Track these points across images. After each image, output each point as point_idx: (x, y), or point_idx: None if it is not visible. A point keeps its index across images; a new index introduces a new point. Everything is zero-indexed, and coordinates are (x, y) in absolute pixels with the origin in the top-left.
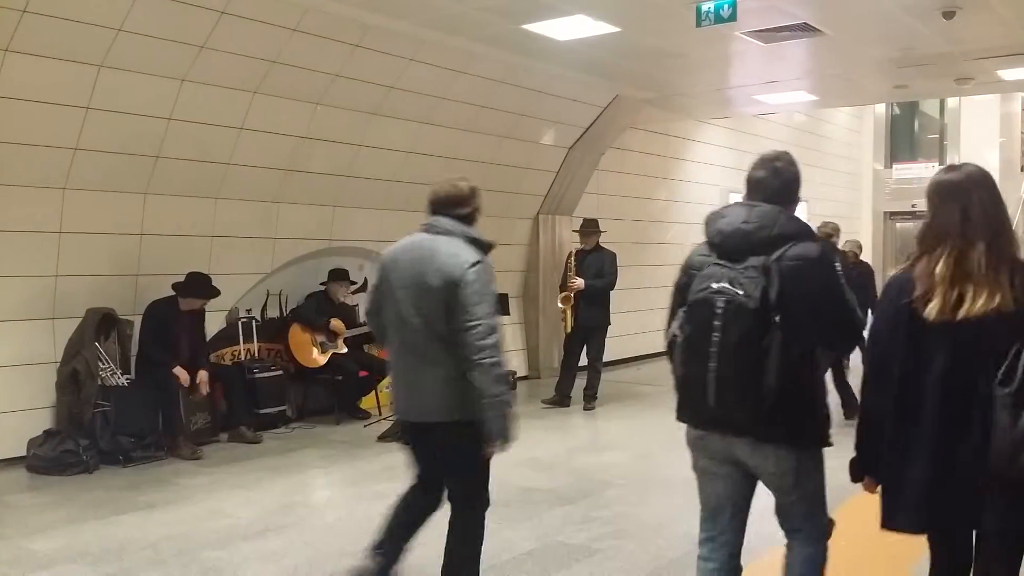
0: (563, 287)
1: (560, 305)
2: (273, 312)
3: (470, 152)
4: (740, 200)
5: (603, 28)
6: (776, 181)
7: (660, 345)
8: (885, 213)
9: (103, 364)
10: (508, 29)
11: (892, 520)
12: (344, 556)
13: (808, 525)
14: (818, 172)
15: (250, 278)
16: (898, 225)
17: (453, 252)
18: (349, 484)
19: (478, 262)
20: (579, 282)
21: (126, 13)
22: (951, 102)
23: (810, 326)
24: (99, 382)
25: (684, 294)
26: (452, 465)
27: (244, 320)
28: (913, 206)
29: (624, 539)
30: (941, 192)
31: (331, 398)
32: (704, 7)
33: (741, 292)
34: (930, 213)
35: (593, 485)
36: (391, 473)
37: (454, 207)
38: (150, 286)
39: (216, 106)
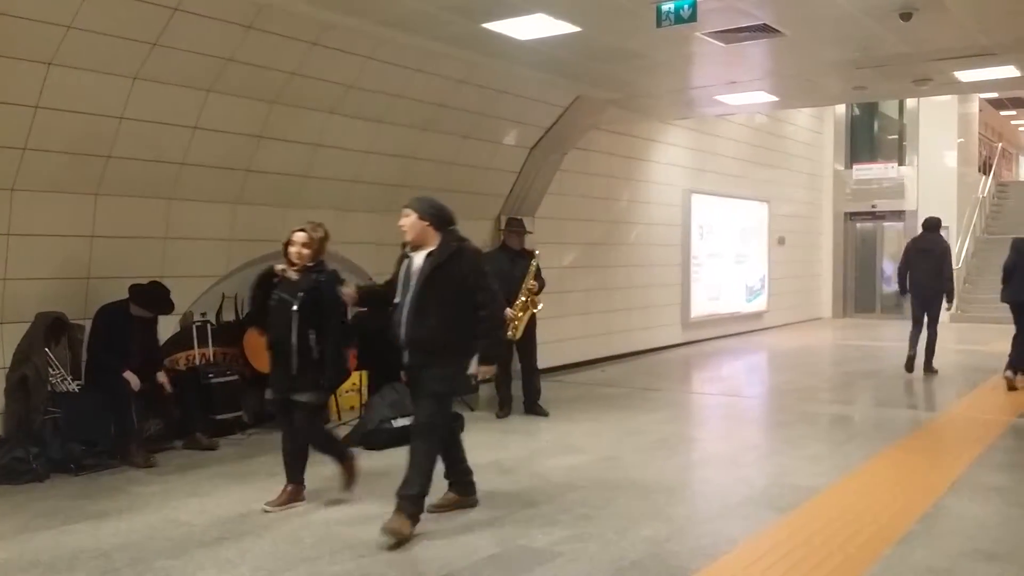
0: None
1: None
2: (228, 316)
3: (431, 152)
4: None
5: (564, 27)
6: None
7: (625, 347)
8: (845, 213)
9: (53, 370)
10: (468, 28)
11: None
12: (302, 563)
13: None
14: (779, 173)
15: (205, 281)
16: (858, 225)
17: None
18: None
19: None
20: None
21: (77, 9)
22: (910, 103)
23: None
24: (49, 388)
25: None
26: None
27: (199, 324)
28: (873, 206)
29: (587, 542)
30: None
31: None
32: (664, 7)
33: None
34: None
35: (556, 488)
36: None
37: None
38: (101, 289)
39: (169, 105)
